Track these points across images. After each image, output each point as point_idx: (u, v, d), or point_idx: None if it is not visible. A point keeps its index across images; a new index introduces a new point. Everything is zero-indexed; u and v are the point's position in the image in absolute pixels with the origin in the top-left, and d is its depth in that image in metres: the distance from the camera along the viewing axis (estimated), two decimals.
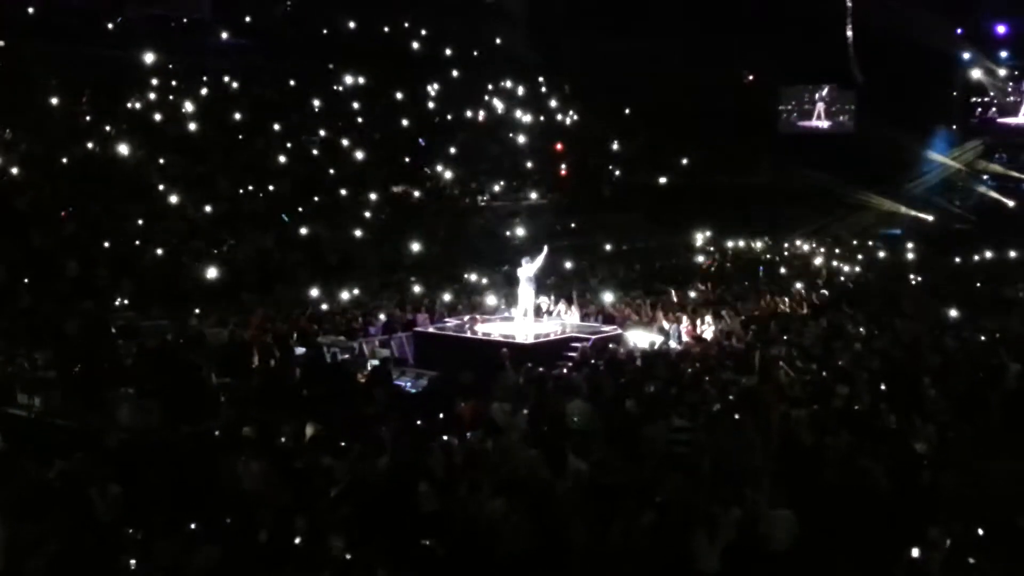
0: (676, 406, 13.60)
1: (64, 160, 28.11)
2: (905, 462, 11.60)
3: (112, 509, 10.57)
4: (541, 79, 43.31)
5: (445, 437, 12.85)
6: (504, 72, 41.88)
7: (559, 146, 40.43)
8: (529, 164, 39.56)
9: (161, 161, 29.75)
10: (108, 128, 30.41)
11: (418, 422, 13.72)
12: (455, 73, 40.77)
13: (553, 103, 43.04)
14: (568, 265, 29.21)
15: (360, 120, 37.54)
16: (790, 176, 38.88)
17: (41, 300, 21.04)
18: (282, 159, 32.88)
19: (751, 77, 44.36)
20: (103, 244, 24.57)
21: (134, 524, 9.90)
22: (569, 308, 22.85)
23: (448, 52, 40.93)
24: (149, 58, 31.56)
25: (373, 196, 33.20)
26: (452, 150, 37.49)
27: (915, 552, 9.35)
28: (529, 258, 21.21)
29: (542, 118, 42.05)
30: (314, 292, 23.83)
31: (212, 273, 23.75)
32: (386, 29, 39.93)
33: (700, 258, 33.78)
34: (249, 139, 33.64)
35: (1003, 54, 39.71)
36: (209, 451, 12.50)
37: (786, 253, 34.94)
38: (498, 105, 41.28)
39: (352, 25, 38.86)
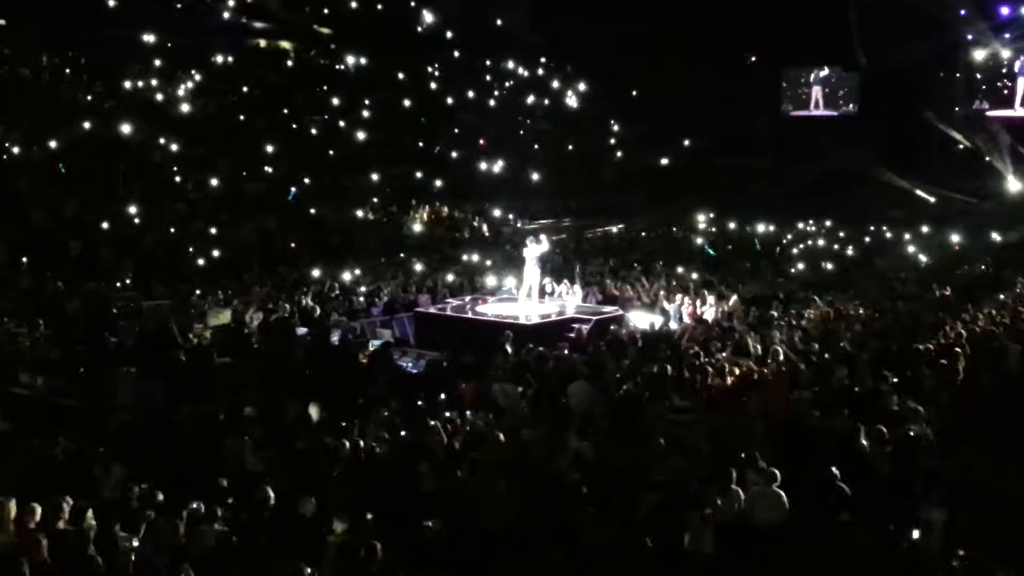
0: (677, 387, 13.63)
1: (65, 140, 28.09)
2: (904, 444, 11.62)
3: (114, 488, 10.63)
4: (543, 60, 43.16)
5: (448, 415, 12.92)
6: (506, 53, 41.73)
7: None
8: (535, 146, 39.48)
9: (162, 141, 29.75)
10: (108, 107, 30.35)
11: (419, 402, 13.76)
12: (457, 54, 40.65)
13: (555, 84, 42.92)
14: (570, 246, 29.27)
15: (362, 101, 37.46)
16: (795, 157, 38.78)
17: (43, 280, 21.07)
18: (283, 140, 32.84)
19: (753, 59, 44.19)
20: (104, 225, 24.59)
21: (136, 503, 9.96)
22: (571, 289, 22.86)
23: (450, 34, 40.78)
24: (150, 38, 31.48)
25: (375, 177, 33.19)
26: (455, 131, 37.50)
27: (914, 534, 9.40)
28: (534, 238, 21.20)
29: (545, 100, 41.94)
30: (316, 273, 23.86)
31: (214, 254, 23.75)
32: (387, 10, 39.75)
33: (701, 240, 33.77)
34: (250, 120, 33.59)
35: (1007, 35, 39.42)
36: (211, 431, 12.56)
37: (789, 236, 34.90)
38: (500, 86, 41.19)
39: (354, 5, 38.71)
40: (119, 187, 26.71)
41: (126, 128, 28.36)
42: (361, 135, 34.64)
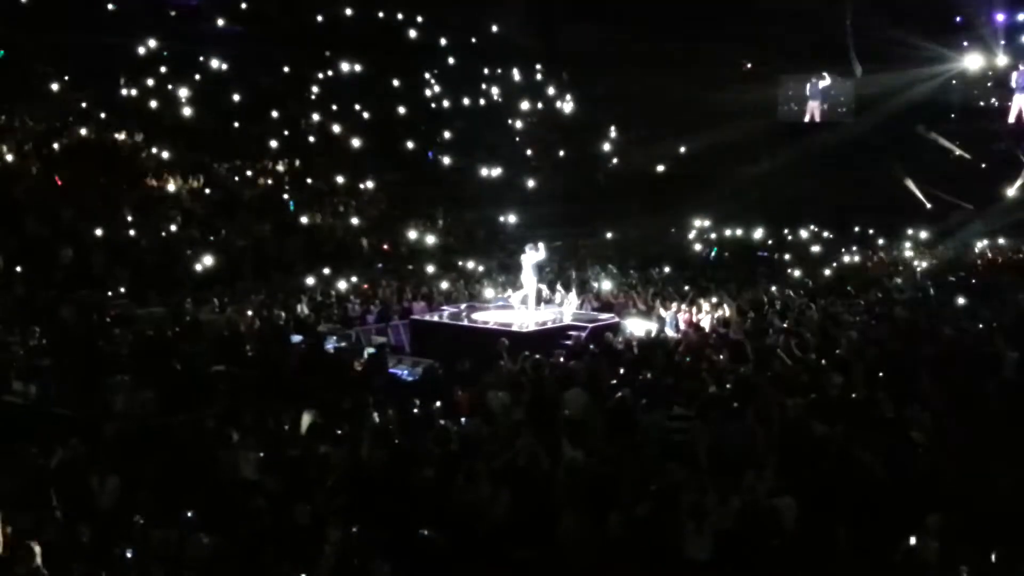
0: (673, 395, 13.60)
1: (59, 147, 28.08)
2: (901, 451, 11.61)
3: (110, 498, 10.57)
4: (539, 66, 43.14)
5: (443, 422, 12.86)
6: (501, 59, 41.72)
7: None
8: (528, 152, 39.45)
9: (155, 148, 29.74)
10: (103, 115, 30.31)
11: (415, 410, 13.71)
12: (452, 60, 40.66)
13: (551, 90, 42.89)
14: (566, 254, 29.25)
15: (356, 107, 37.43)
16: (792, 163, 38.78)
17: (36, 288, 20.98)
18: (278, 146, 32.83)
19: (749, 65, 44.13)
20: (98, 232, 24.52)
21: (131, 512, 9.90)
22: (567, 296, 22.84)
23: (445, 40, 40.78)
24: (144, 44, 31.45)
25: (370, 184, 33.15)
26: (449, 136, 37.54)
27: (912, 540, 9.37)
28: (532, 245, 21.16)
29: (540, 105, 41.93)
30: (311, 280, 23.79)
31: (208, 261, 23.68)
32: (383, 16, 39.76)
33: (698, 247, 33.75)
34: (245, 126, 33.55)
35: (1002, 42, 39.35)
36: (205, 439, 12.49)
37: (789, 238, 34.90)
38: (495, 92, 41.17)
39: (349, 12, 38.71)
40: (113, 194, 26.64)
41: (120, 135, 28.41)
42: (356, 142, 34.63)
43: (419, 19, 40.01)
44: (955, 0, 36.79)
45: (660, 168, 42.34)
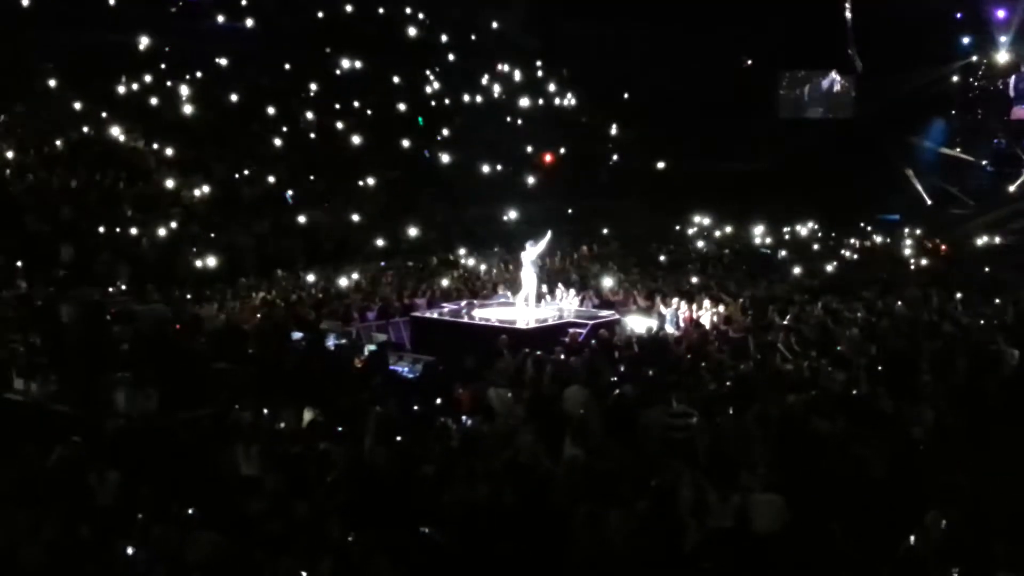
0: (673, 391, 13.61)
1: (59, 145, 28.07)
2: (902, 448, 11.61)
3: (110, 495, 10.57)
4: (539, 63, 43.09)
5: (443, 421, 12.86)
6: (502, 57, 41.67)
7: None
8: (529, 149, 39.42)
9: (156, 146, 29.74)
10: (104, 114, 30.30)
11: (415, 407, 13.71)
12: (452, 58, 40.64)
13: (551, 88, 42.85)
14: (567, 250, 29.24)
15: (356, 104, 37.40)
16: (792, 160, 38.76)
17: (37, 285, 20.99)
18: (278, 143, 32.83)
19: (749, 62, 44.10)
20: (99, 229, 24.52)
21: (132, 510, 9.91)
22: (567, 293, 22.83)
23: (445, 37, 40.76)
24: (144, 42, 31.45)
25: (370, 181, 33.14)
26: (449, 134, 37.54)
27: (911, 539, 9.37)
28: (532, 242, 21.15)
29: (540, 102, 41.88)
30: (311, 277, 23.81)
31: (209, 258, 23.70)
32: (383, 13, 39.74)
33: (698, 243, 33.73)
34: (245, 123, 33.54)
35: (1003, 39, 39.29)
36: (206, 437, 12.50)
37: (786, 238, 34.86)
38: (496, 89, 41.12)
39: (349, 9, 38.70)
40: (113, 191, 26.65)
41: (121, 133, 28.39)
42: (356, 139, 34.61)
43: (420, 16, 40.02)
44: None
45: (660, 165, 42.30)
